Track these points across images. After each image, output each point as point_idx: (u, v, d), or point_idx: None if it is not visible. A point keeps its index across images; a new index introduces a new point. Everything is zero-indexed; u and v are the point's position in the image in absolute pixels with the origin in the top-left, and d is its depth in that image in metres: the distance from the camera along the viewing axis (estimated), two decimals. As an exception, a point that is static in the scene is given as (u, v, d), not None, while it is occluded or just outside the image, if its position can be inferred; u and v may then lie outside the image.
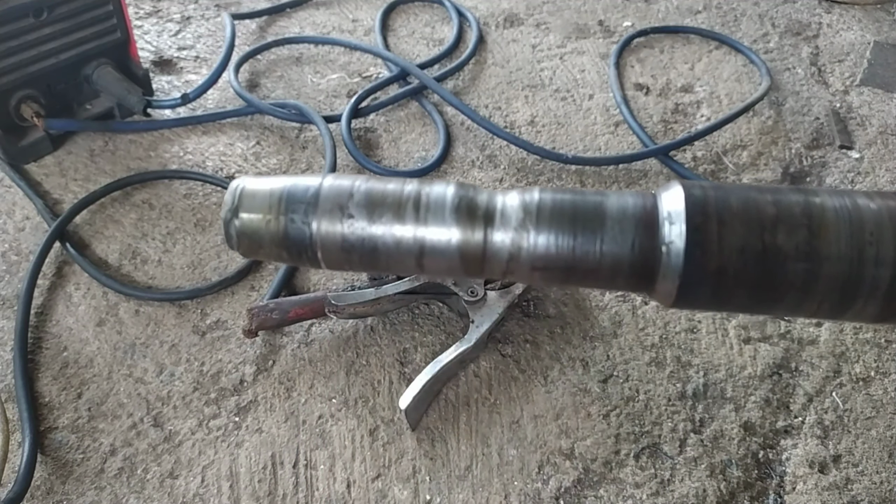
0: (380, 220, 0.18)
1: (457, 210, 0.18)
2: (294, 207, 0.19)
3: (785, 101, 0.84)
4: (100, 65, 0.73)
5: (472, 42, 0.90)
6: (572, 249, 0.17)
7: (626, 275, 0.18)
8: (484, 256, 0.18)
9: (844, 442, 0.53)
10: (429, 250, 0.18)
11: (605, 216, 0.17)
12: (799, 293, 0.17)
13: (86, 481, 0.50)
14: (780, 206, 0.17)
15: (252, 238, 0.20)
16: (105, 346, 0.57)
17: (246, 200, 0.20)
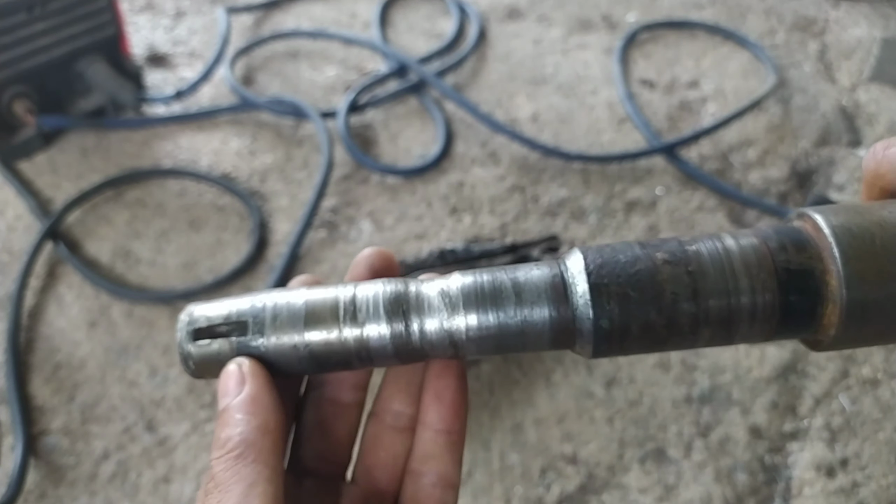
0: (326, 331, 0.21)
1: (389, 310, 0.21)
2: (244, 339, 0.21)
3: (792, 98, 0.83)
4: (92, 61, 0.72)
5: (473, 36, 0.89)
6: (496, 326, 0.20)
7: (549, 343, 0.20)
8: (422, 347, 0.21)
9: (852, 445, 0.52)
10: (374, 353, 0.21)
11: (521, 295, 0.20)
12: (690, 338, 0.20)
13: (79, 486, 0.49)
14: (669, 263, 0.19)
15: (208, 369, 0.22)
16: (98, 347, 0.56)
17: (195, 333, 0.22)
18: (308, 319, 0.20)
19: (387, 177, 0.72)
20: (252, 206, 0.67)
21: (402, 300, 0.20)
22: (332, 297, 0.21)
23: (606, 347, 0.19)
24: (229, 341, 0.21)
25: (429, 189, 0.71)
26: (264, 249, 0.64)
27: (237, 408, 0.20)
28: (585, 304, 0.19)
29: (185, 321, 0.21)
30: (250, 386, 0.20)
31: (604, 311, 0.19)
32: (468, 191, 0.71)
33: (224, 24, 0.85)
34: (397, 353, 0.20)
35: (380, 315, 0.20)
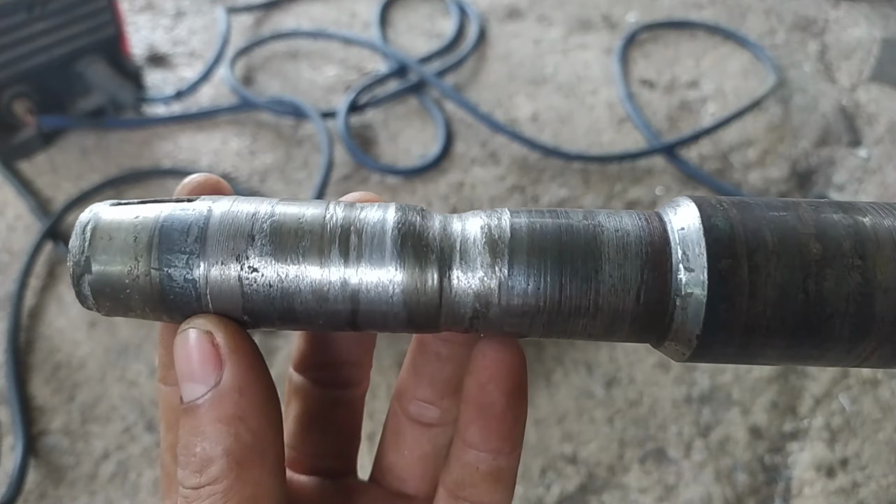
0: (295, 266, 0.13)
1: (401, 245, 0.13)
2: (170, 256, 0.13)
3: (792, 98, 0.83)
4: (92, 61, 0.72)
5: (473, 36, 0.89)
6: (558, 298, 0.13)
7: (627, 331, 0.14)
8: (440, 310, 0.14)
9: (852, 445, 0.52)
10: (365, 305, 0.14)
11: (600, 252, 0.13)
12: (846, 346, 0.13)
13: (78, 485, 0.49)
14: (825, 241, 0.13)
15: (115, 299, 0.14)
16: (98, 348, 0.56)
17: (100, 243, 0.14)
18: (274, 241, 0.13)
19: (387, 177, 0.72)
20: (252, 206, 0.67)
21: (420, 230, 0.14)
22: (314, 213, 0.14)
23: (719, 343, 0.13)
24: (148, 257, 0.13)
25: (429, 189, 0.71)
26: (264, 249, 0.64)
27: (215, 409, 0.13)
28: (700, 285, 0.12)
29: (87, 219, 0.14)
30: (233, 371, 0.13)
31: (728, 282, 0.12)
32: (468, 191, 0.71)
33: (224, 24, 0.85)
34: (409, 315, 0.14)
35: (385, 247, 0.13)
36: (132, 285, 0.14)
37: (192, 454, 0.14)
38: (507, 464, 0.16)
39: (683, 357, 0.14)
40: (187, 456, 0.14)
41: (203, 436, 0.13)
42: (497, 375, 0.15)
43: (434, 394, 0.18)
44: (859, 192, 0.73)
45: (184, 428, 0.14)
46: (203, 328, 0.14)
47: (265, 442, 0.14)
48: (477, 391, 0.16)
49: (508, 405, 0.16)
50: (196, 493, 0.13)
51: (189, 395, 0.14)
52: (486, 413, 0.16)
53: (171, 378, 0.17)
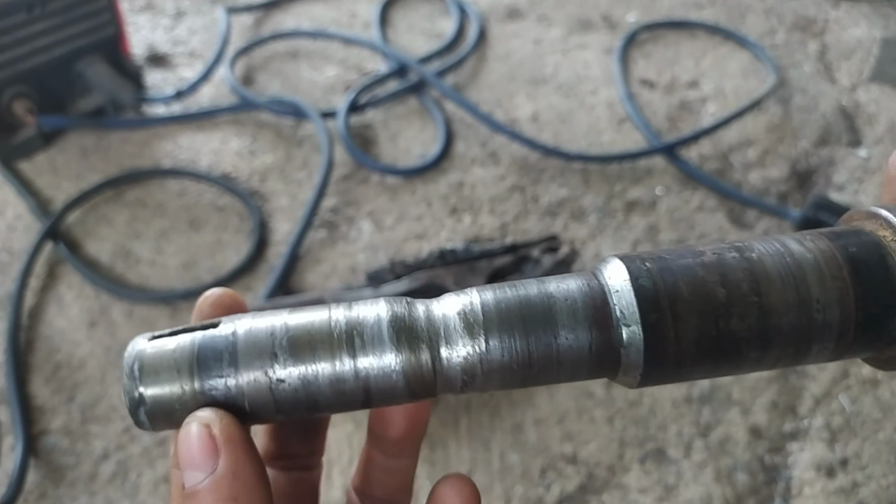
0: (313, 370, 0.17)
1: (397, 339, 0.17)
2: (210, 381, 0.17)
3: (792, 98, 0.83)
4: (92, 61, 0.72)
5: (473, 36, 0.89)
6: (528, 362, 0.17)
7: (586, 375, 0.18)
8: (435, 383, 0.17)
9: (852, 445, 0.52)
10: (375, 388, 0.17)
11: (556, 321, 0.17)
12: (756, 360, 0.17)
13: (78, 486, 0.49)
14: (728, 286, 0.17)
15: (168, 420, 0.17)
16: (98, 347, 0.56)
17: (148, 379, 0.17)
18: (294, 354, 0.16)
19: (387, 177, 0.72)
20: (252, 206, 0.67)
21: (409, 322, 0.17)
22: (321, 321, 0.17)
23: (658, 375, 0.17)
24: (191, 381, 0.16)
25: (429, 189, 0.71)
26: (264, 249, 0.64)
27: (212, 493, 0.15)
28: (634, 323, 0.16)
29: (132, 356, 0.17)
30: (228, 458, 0.15)
31: (657, 331, 0.16)
32: (468, 191, 0.71)
33: (224, 24, 0.85)
34: (409, 387, 0.17)
35: (384, 341, 0.17)
36: (181, 408, 0.17)
37: None
38: None
39: (633, 386, 0.18)
40: None
41: None
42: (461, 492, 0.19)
43: (385, 494, 0.21)
44: (859, 192, 0.73)
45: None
46: (202, 422, 0.16)
47: None
48: None
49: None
50: None
51: (190, 481, 0.16)
52: None
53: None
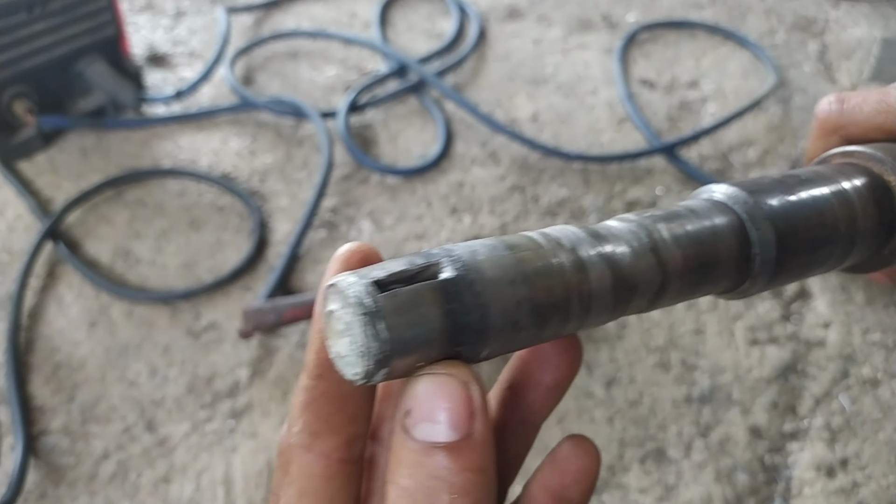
0: None
1: (586, 238, 0.16)
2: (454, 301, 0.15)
3: (792, 98, 0.83)
4: (92, 61, 0.72)
5: (473, 36, 0.89)
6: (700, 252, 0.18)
7: (729, 281, 0.19)
8: None
9: (852, 445, 0.52)
10: (593, 278, 0.16)
11: (693, 211, 0.18)
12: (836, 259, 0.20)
13: (78, 486, 0.49)
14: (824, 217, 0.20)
15: (410, 334, 0.14)
16: (98, 347, 0.56)
17: (393, 313, 0.14)
18: (514, 250, 0.15)
19: (387, 177, 0.72)
20: (252, 206, 0.67)
21: (590, 231, 0.16)
22: (521, 236, 0.16)
23: (784, 263, 0.19)
24: (428, 283, 0.14)
25: (429, 189, 0.71)
26: (264, 249, 0.64)
27: (465, 458, 0.14)
28: (762, 215, 0.18)
29: (352, 280, 0.14)
30: (483, 425, 0.14)
31: (776, 222, 0.18)
32: (468, 191, 0.71)
33: (224, 24, 0.85)
34: (614, 285, 0.16)
35: (581, 240, 0.16)
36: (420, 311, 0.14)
37: (435, 497, 0.14)
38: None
39: (746, 295, 0.20)
40: (428, 497, 0.14)
41: (448, 483, 0.14)
42: (580, 479, 0.18)
43: (500, 466, 0.19)
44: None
45: (419, 466, 0.14)
46: (462, 377, 0.14)
47: (495, 496, 0.15)
48: (559, 486, 0.19)
49: (581, 502, 0.19)
50: None
51: (429, 435, 0.14)
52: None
53: (317, 446, 0.17)
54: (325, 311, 0.14)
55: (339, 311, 0.14)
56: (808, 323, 0.61)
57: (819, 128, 0.23)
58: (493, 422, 0.19)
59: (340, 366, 0.14)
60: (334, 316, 0.14)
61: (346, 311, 0.14)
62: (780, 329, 0.59)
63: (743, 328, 0.59)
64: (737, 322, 0.60)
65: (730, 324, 0.60)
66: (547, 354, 0.19)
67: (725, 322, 0.60)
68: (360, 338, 0.13)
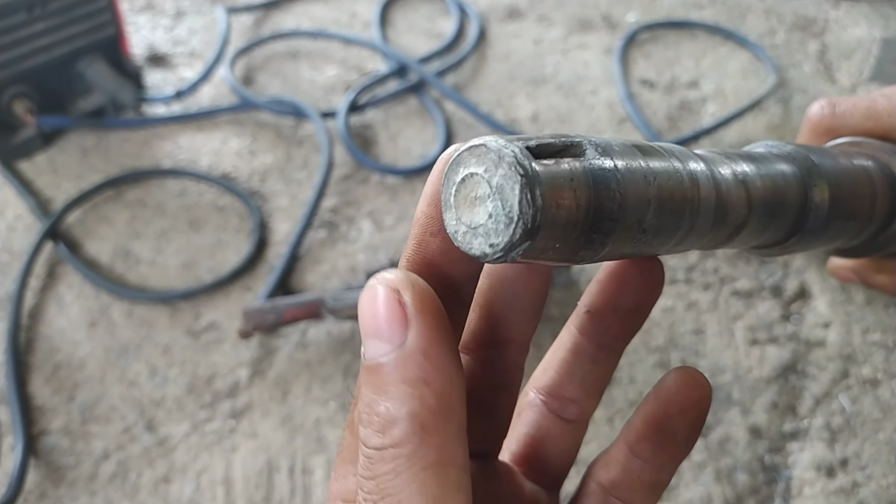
0: None
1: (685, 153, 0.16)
2: None
3: (792, 98, 0.83)
4: (92, 61, 0.72)
5: (473, 36, 0.89)
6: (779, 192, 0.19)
7: (786, 231, 0.19)
8: None
9: (852, 445, 0.52)
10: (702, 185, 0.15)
11: (787, 180, 0.19)
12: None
13: (78, 486, 0.49)
14: None
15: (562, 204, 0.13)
16: (98, 347, 0.56)
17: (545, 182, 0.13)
18: (644, 151, 0.15)
19: (387, 177, 0.72)
20: (252, 206, 0.67)
21: (692, 152, 0.17)
22: (640, 142, 0.16)
23: (829, 224, 0.20)
24: (576, 160, 0.13)
25: (429, 189, 0.71)
26: (264, 249, 0.64)
27: (399, 369, 0.13)
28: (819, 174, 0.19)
29: (504, 142, 0.13)
30: (419, 332, 0.13)
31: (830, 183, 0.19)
32: (468, 191, 0.71)
33: (224, 24, 0.85)
34: (716, 206, 0.16)
35: (689, 156, 0.16)
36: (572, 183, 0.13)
37: (376, 413, 0.13)
38: (667, 478, 0.18)
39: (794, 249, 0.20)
40: (370, 414, 0.13)
41: (387, 395, 0.13)
42: (686, 410, 0.17)
43: (581, 393, 0.19)
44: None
45: (367, 385, 0.14)
46: (391, 285, 0.13)
47: (449, 407, 0.13)
48: (663, 416, 0.17)
49: (689, 437, 0.18)
50: (380, 454, 0.13)
51: (372, 352, 0.14)
52: (665, 437, 0.17)
53: None
54: (456, 178, 0.13)
55: (485, 174, 0.12)
56: (808, 323, 0.61)
57: (811, 129, 0.24)
58: (572, 348, 0.19)
59: (468, 239, 0.13)
60: (474, 180, 0.13)
61: (497, 173, 0.12)
62: (780, 329, 0.59)
63: (743, 328, 0.59)
64: (737, 322, 0.60)
65: (730, 324, 0.60)
66: (629, 276, 0.17)
67: (725, 322, 0.60)
68: (512, 202, 0.12)
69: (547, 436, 0.19)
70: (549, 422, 0.20)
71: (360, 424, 0.14)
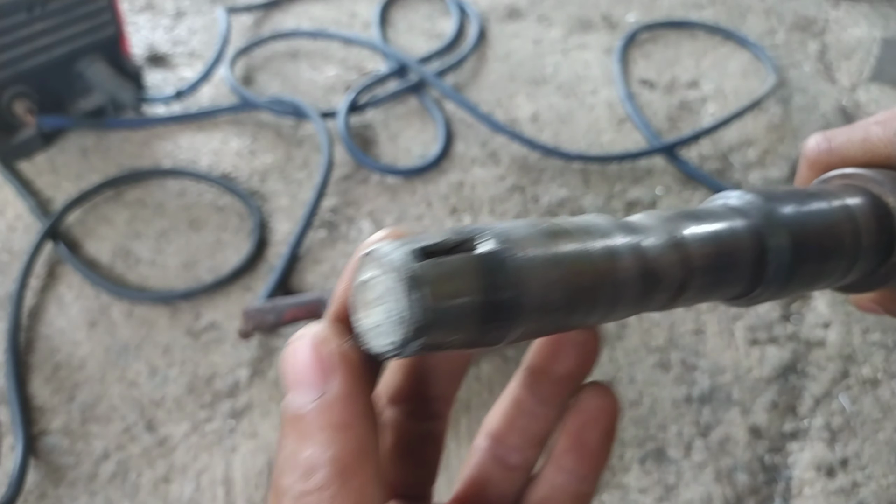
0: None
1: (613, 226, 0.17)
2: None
3: (792, 98, 0.83)
4: (92, 61, 0.72)
5: (473, 36, 0.89)
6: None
7: (743, 285, 0.19)
8: None
9: (852, 445, 0.52)
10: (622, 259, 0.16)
11: (711, 213, 0.19)
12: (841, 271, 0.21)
13: (78, 486, 0.49)
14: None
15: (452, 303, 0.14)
16: (98, 347, 0.56)
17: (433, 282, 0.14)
18: (550, 233, 0.15)
19: (387, 177, 0.72)
20: (252, 206, 0.67)
21: (619, 221, 0.17)
22: (555, 219, 0.16)
23: (796, 271, 0.19)
24: (468, 254, 0.14)
25: (429, 189, 0.71)
26: (264, 249, 0.64)
27: (322, 415, 0.14)
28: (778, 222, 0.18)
29: (394, 246, 0.13)
30: (343, 380, 0.14)
31: (792, 229, 0.18)
32: (468, 191, 0.71)
33: (224, 24, 0.85)
34: (642, 276, 0.16)
35: (612, 228, 0.16)
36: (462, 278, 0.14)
37: (297, 461, 0.14)
38: (590, 489, 0.20)
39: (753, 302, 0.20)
40: (293, 463, 0.14)
41: (310, 441, 0.14)
42: (597, 419, 0.19)
43: (523, 443, 0.20)
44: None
45: (288, 437, 0.14)
46: (315, 338, 0.14)
47: (368, 451, 0.14)
48: (579, 428, 0.19)
49: (602, 444, 0.19)
50: (302, 500, 0.13)
51: (295, 403, 0.14)
52: (582, 447, 0.19)
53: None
54: (357, 282, 0.14)
55: (377, 278, 0.13)
56: (808, 323, 0.61)
57: (808, 166, 0.23)
58: (514, 401, 0.20)
59: (370, 338, 0.14)
60: (370, 284, 0.14)
61: (386, 277, 0.13)
62: (780, 329, 0.59)
63: (743, 328, 0.59)
64: (737, 322, 0.60)
65: (730, 324, 0.60)
66: (562, 345, 0.19)
67: (725, 322, 0.60)
68: (400, 303, 0.13)
69: (489, 480, 0.20)
70: (491, 466, 0.20)
71: (281, 475, 0.14)
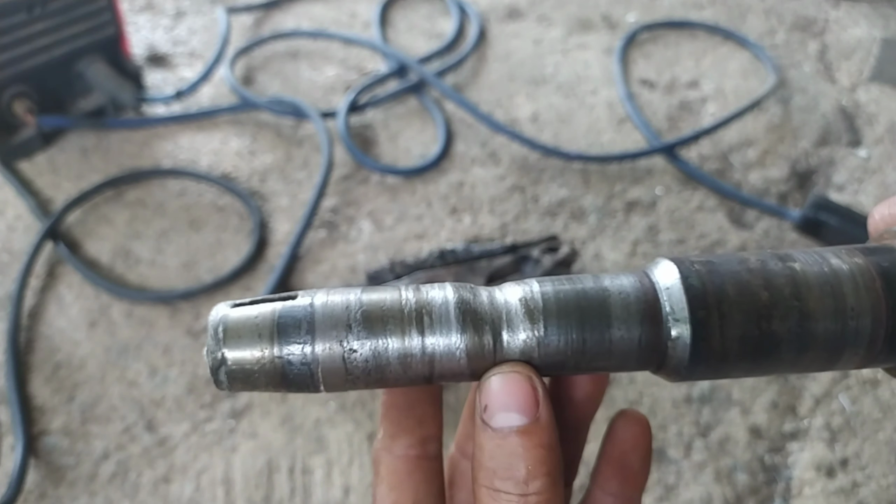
0: (384, 343, 0.18)
1: (462, 321, 0.18)
2: (289, 347, 0.18)
3: (792, 98, 0.83)
4: (92, 61, 0.72)
5: (473, 36, 0.89)
6: (581, 349, 0.19)
7: (633, 366, 0.19)
8: (494, 364, 0.19)
9: (852, 445, 0.52)
10: (438, 366, 0.19)
11: (609, 313, 0.19)
12: (792, 362, 0.19)
13: (78, 486, 0.49)
14: (771, 290, 0.18)
15: (245, 381, 0.19)
16: (98, 347, 0.56)
17: (231, 341, 0.18)
18: (367, 327, 0.18)
19: (387, 177, 0.72)
20: (252, 206, 0.67)
21: (474, 306, 0.18)
22: (392, 299, 0.18)
23: (701, 370, 0.18)
24: (271, 346, 0.18)
25: (429, 189, 0.71)
26: (264, 249, 0.64)
27: (536, 437, 0.17)
28: (682, 319, 0.17)
29: (217, 320, 0.18)
30: (547, 409, 0.17)
31: (704, 328, 0.17)
32: (468, 191, 0.71)
33: (224, 24, 0.85)
34: (471, 367, 0.18)
35: (451, 322, 0.18)
36: (259, 370, 0.18)
37: (515, 471, 0.17)
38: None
39: (676, 380, 0.19)
40: (509, 472, 0.17)
41: (524, 458, 0.17)
42: (636, 445, 0.22)
43: None
44: (859, 192, 0.73)
45: (499, 448, 0.18)
46: (527, 371, 0.18)
47: (561, 468, 0.18)
48: (620, 455, 0.22)
49: (643, 465, 0.22)
50: (525, 499, 0.17)
51: (506, 422, 0.17)
52: (625, 471, 0.22)
53: (396, 447, 0.22)
54: None
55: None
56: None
57: (874, 231, 0.23)
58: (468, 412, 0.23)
59: None
60: None
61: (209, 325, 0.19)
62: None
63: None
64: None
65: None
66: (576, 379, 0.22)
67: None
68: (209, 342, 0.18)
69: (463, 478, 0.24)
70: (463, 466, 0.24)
71: (496, 479, 0.18)
